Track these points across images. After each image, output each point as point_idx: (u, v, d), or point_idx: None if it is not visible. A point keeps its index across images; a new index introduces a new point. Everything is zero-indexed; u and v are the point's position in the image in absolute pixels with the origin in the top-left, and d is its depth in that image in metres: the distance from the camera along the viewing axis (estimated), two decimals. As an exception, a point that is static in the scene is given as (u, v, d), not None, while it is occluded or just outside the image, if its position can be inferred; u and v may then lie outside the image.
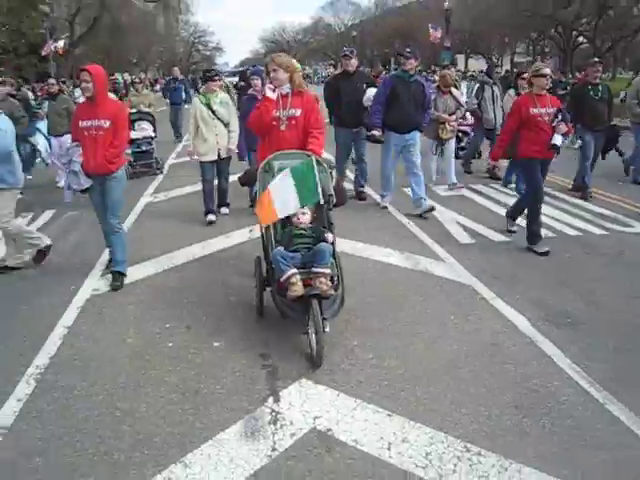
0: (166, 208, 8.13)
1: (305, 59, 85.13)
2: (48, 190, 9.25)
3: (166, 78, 24.85)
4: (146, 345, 4.08)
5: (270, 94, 4.69)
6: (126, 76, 37.63)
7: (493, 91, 9.55)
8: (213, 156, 7.01)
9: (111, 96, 6.80)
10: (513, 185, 8.56)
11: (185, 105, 15.21)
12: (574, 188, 8.58)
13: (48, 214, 7.81)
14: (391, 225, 7.05)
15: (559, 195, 8.42)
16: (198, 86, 20.14)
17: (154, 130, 10.80)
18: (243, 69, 16.38)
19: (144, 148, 10.57)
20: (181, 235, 6.65)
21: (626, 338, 4.10)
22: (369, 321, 4.32)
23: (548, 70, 5.97)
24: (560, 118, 5.75)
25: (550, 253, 5.85)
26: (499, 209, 7.66)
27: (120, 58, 50.44)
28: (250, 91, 7.64)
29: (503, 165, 8.78)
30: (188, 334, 4.23)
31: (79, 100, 26.16)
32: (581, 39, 40.43)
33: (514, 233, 6.46)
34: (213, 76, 7.20)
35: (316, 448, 2.95)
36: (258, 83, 7.40)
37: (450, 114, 8.78)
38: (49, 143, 9.75)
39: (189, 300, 4.84)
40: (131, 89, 14.66)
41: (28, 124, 9.03)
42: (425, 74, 23.87)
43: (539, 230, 6.07)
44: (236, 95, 12.34)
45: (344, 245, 5.86)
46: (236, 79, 19.11)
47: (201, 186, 7.27)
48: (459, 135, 10.41)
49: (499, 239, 6.44)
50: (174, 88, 15.27)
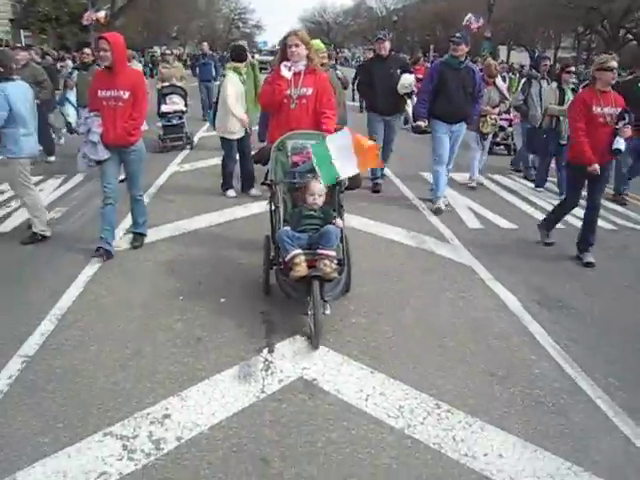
0: (190, 177, 8.48)
1: (344, 42, 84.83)
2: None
3: (189, 54, 23.69)
4: (159, 297, 4.43)
5: (285, 73, 4.65)
6: (165, 50, 38.11)
7: (541, 86, 8.67)
8: (241, 133, 7.09)
9: (137, 67, 7.03)
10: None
11: (216, 82, 14.21)
12: (616, 199, 7.92)
13: (77, 178, 8.20)
14: (403, 206, 7.29)
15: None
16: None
17: (185, 104, 10.72)
18: (274, 48, 16.10)
19: (175, 122, 10.47)
20: (201, 203, 7.00)
21: (611, 323, 4.30)
22: (367, 289, 4.59)
23: (615, 63, 5.23)
24: (627, 120, 5.13)
25: (555, 244, 6.00)
26: (514, 199, 7.86)
27: (159, 31, 51.08)
28: None
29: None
30: (198, 290, 4.57)
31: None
32: (630, 36, 39.34)
33: (552, 245, 5.92)
34: (245, 56, 7.33)
35: (300, 394, 3.26)
36: None
37: (493, 107, 8.25)
38: (78, 113, 10.05)
39: (202, 261, 5.18)
40: (160, 62, 14.06)
41: (60, 93, 9.28)
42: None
43: (592, 236, 5.53)
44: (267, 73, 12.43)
45: (354, 221, 6.13)
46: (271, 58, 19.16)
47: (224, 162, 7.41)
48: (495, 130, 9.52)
49: (508, 226, 6.62)
50: (203, 64, 14.61)
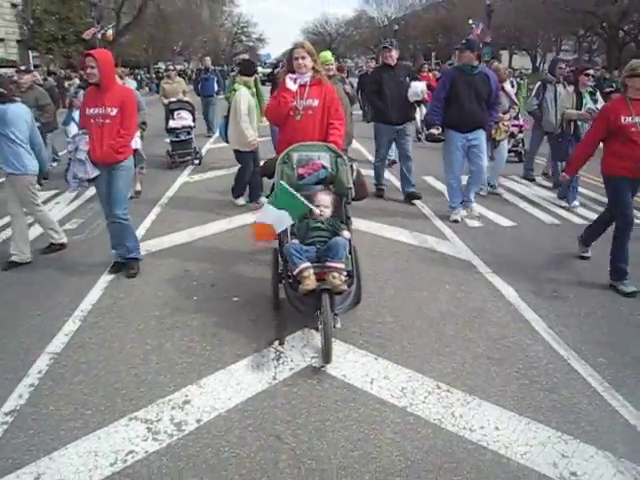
0: (201, 187, 8.78)
1: (347, 52, 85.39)
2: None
3: (193, 69, 22.37)
4: (175, 297, 4.70)
5: (291, 86, 4.67)
6: (168, 65, 38.73)
7: (556, 90, 8.18)
8: (256, 144, 7.19)
9: (130, 84, 7.17)
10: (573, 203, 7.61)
11: (218, 96, 14.31)
12: None
13: (90, 192, 8.48)
14: (405, 208, 7.53)
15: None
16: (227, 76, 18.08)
17: (193, 120, 10.73)
18: (276, 61, 15.98)
19: (183, 137, 10.44)
20: (212, 210, 7.29)
21: (603, 310, 4.52)
22: (371, 284, 4.81)
23: None
24: None
25: (553, 238, 6.23)
26: (515, 199, 8.07)
27: (164, 47, 51.74)
28: None
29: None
30: (212, 290, 4.84)
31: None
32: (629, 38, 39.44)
33: (587, 259, 5.58)
34: (253, 70, 7.60)
35: (310, 379, 3.50)
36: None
37: (504, 112, 7.89)
38: None
39: (215, 265, 5.44)
40: (164, 78, 13.77)
41: (65, 113, 9.34)
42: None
43: (625, 262, 4.88)
44: (270, 85, 12.34)
45: (359, 224, 6.37)
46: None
47: (235, 171, 7.59)
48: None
49: (507, 224, 6.85)
50: (205, 79, 14.11)
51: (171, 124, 10.48)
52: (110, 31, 35.81)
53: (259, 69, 29.56)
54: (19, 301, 4.66)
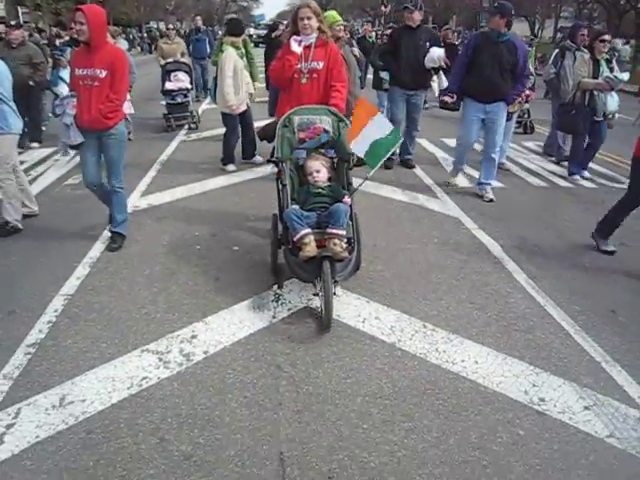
0: (198, 146, 8.96)
1: (343, 15, 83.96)
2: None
3: (186, 29, 20.48)
4: (178, 246, 4.97)
5: (296, 48, 4.58)
6: (162, 25, 38.13)
7: (576, 58, 7.55)
8: (244, 107, 7.16)
9: (122, 44, 6.87)
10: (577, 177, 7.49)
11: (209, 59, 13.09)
12: None
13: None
14: (400, 169, 7.77)
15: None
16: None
17: (191, 82, 10.40)
18: (272, 22, 15.31)
19: (179, 100, 10.08)
20: (210, 167, 7.50)
21: (578, 261, 4.84)
22: (365, 237, 5.03)
23: None
24: None
25: (540, 199, 6.52)
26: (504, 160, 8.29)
27: (156, 6, 50.79)
28: None
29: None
30: (213, 240, 5.11)
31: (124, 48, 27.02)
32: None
33: (613, 254, 5.08)
34: (242, 30, 7.33)
35: (307, 319, 3.80)
36: None
37: None
38: None
39: (215, 217, 5.70)
40: (161, 37, 13.39)
41: (51, 72, 8.92)
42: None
43: (616, 228, 5.07)
44: (264, 47, 12.01)
45: (355, 183, 6.60)
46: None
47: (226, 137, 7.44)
48: None
49: (495, 185, 7.09)
50: (197, 40, 13.50)
51: (167, 86, 10.11)
52: (102, -10, 35.07)
53: (252, 30, 28.91)
54: (30, 250, 4.89)
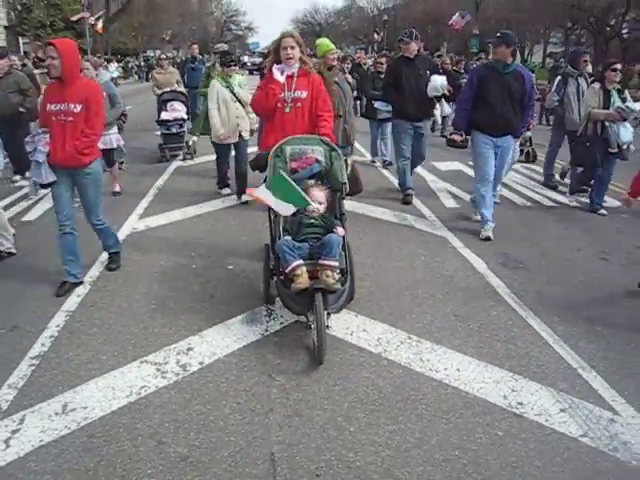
0: (195, 170, 9.23)
1: (336, 42, 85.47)
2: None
3: (182, 57, 19.08)
4: (175, 266, 5.16)
5: (279, 77, 4.55)
6: (160, 55, 38.82)
7: (579, 85, 7.53)
8: (234, 139, 7.01)
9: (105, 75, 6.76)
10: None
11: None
12: None
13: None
14: (389, 192, 8.00)
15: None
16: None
17: (188, 112, 10.22)
18: (267, 50, 15.49)
19: (174, 130, 9.84)
20: (206, 191, 7.74)
21: (561, 278, 5.05)
22: (356, 256, 5.27)
23: None
24: None
25: (523, 218, 6.76)
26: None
27: (153, 35, 51.80)
28: None
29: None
30: (208, 260, 5.31)
31: (114, 75, 27.47)
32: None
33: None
34: (229, 62, 7.03)
35: (298, 332, 3.98)
36: None
37: None
38: None
39: (210, 239, 5.91)
40: (156, 67, 12.60)
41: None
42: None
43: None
44: (259, 75, 12.14)
45: (345, 204, 6.82)
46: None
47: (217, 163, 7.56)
48: None
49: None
50: (192, 69, 12.77)
51: (163, 115, 10.00)
52: (100, 24, 35.83)
53: (246, 58, 29.18)
54: (31, 271, 5.07)
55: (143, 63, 42.64)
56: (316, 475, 2.67)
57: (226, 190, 7.68)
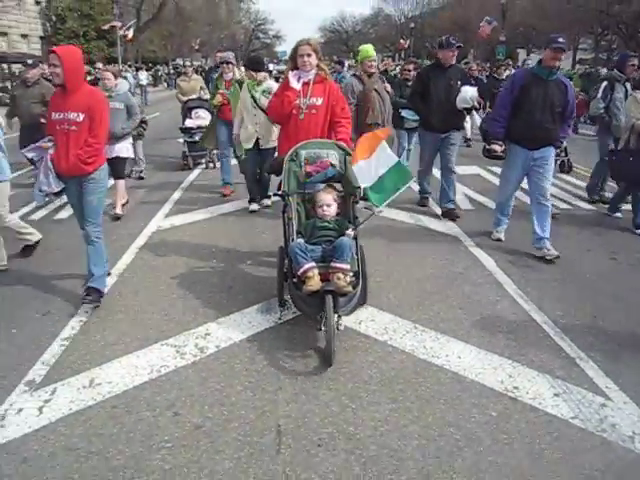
0: (218, 173, 9.50)
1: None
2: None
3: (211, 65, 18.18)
4: (196, 260, 5.45)
5: (295, 84, 4.61)
6: (186, 62, 39.64)
7: (627, 90, 7.19)
8: (250, 144, 6.79)
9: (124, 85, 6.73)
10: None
11: None
12: None
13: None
14: (404, 193, 8.17)
15: (570, 179, 9.36)
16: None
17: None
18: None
19: (197, 139, 9.65)
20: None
21: (568, 275, 5.20)
22: (368, 254, 5.46)
23: None
24: None
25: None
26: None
27: (182, 44, 52.80)
28: None
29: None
30: (228, 255, 5.59)
31: (143, 83, 28.10)
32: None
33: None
34: (255, 67, 6.86)
35: (309, 321, 4.18)
36: None
37: None
38: None
39: (231, 235, 6.20)
40: (179, 75, 12.89)
41: None
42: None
43: None
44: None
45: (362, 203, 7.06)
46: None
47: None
48: None
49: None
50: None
51: (187, 123, 10.03)
52: (130, 32, 36.78)
53: (271, 66, 29.70)
54: (62, 262, 5.42)
55: (172, 71, 43.60)
56: (318, 445, 2.90)
57: (253, 206, 7.23)
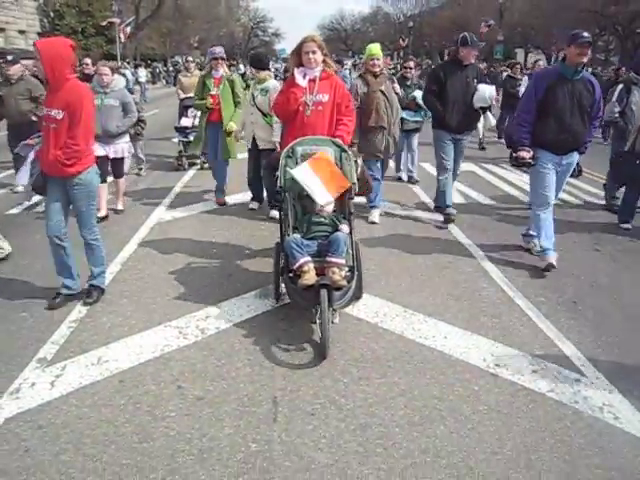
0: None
1: (362, 48, 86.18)
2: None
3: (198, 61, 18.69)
4: (197, 249, 5.68)
5: (301, 81, 4.58)
6: (187, 58, 39.72)
7: None
8: (248, 144, 6.78)
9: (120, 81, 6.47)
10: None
11: None
12: None
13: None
14: (403, 190, 8.45)
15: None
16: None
17: None
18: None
19: (192, 138, 8.89)
20: (229, 186, 8.22)
21: (563, 274, 5.41)
22: (366, 245, 5.71)
23: None
24: None
25: (522, 212, 7.12)
26: (498, 181, 8.97)
27: (181, 41, 52.94)
28: None
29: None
30: (228, 245, 5.82)
31: (142, 80, 28.25)
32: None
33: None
34: (256, 65, 6.78)
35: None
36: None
37: None
38: None
39: (232, 227, 6.43)
40: (180, 71, 12.58)
41: None
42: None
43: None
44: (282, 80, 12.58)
45: (360, 199, 7.27)
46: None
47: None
48: None
49: (486, 202, 7.77)
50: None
51: (182, 122, 9.65)
52: (128, 29, 36.93)
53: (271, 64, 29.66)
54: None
55: (171, 68, 43.78)
56: (311, 414, 3.13)
57: (252, 205, 7.21)
